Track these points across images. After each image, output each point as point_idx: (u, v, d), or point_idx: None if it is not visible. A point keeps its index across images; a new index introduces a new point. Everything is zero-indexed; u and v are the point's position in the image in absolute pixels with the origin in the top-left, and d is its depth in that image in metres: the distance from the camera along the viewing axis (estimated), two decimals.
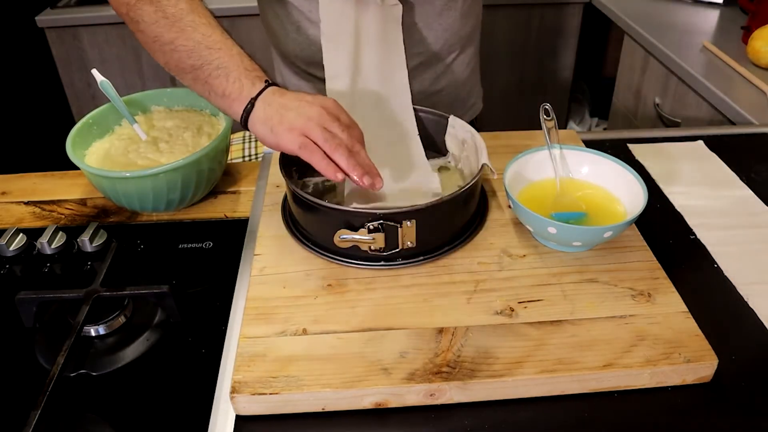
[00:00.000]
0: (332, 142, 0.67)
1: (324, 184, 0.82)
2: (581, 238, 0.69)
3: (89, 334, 0.67)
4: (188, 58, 0.71)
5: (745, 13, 1.67)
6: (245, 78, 0.70)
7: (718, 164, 0.94)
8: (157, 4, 0.71)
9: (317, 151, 0.67)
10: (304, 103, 0.69)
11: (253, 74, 0.71)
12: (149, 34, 0.73)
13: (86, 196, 0.89)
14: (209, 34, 0.71)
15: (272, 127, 0.68)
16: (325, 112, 0.69)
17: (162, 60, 0.74)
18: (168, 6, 0.71)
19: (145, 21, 0.72)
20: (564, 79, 2.30)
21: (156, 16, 0.71)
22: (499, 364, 0.59)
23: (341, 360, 0.60)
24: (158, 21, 0.71)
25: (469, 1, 0.98)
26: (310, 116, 0.68)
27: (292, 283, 0.69)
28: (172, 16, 0.71)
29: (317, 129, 0.67)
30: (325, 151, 0.67)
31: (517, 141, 0.93)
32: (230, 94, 0.70)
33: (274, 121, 0.68)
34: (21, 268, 0.78)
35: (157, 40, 0.72)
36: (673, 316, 0.64)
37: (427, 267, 0.71)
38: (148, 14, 0.72)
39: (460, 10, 0.97)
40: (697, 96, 1.41)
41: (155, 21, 0.71)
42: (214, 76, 0.71)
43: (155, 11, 0.71)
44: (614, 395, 0.60)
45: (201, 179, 0.82)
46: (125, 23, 0.75)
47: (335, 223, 0.68)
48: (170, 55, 0.73)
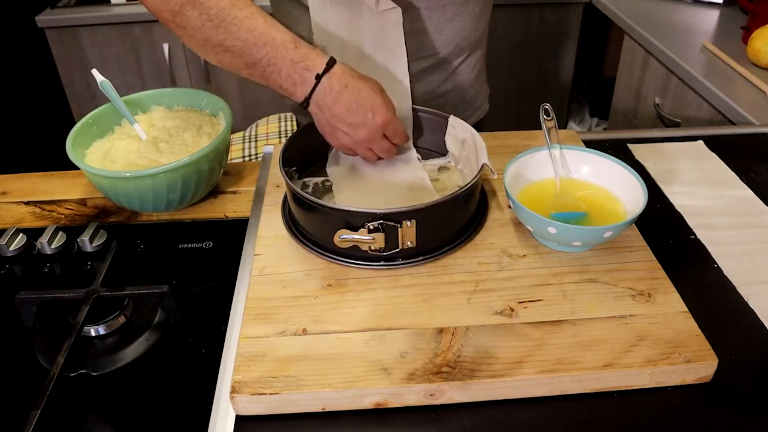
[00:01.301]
0: (371, 160, 0.81)
1: (324, 184, 0.82)
2: (581, 238, 0.69)
3: (89, 334, 0.67)
4: (240, 57, 0.72)
5: (745, 13, 1.67)
6: (294, 73, 0.72)
7: (718, 164, 0.94)
8: (200, 7, 0.70)
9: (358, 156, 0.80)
10: (353, 125, 0.75)
11: (301, 66, 0.72)
12: (199, 38, 0.72)
13: (86, 196, 0.89)
14: (253, 29, 0.71)
15: (326, 137, 0.78)
16: (372, 137, 0.76)
17: (215, 60, 0.74)
18: (210, 7, 0.70)
19: (192, 26, 0.71)
20: (564, 79, 2.30)
21: (201, 20, 0.70)
22: (499, 364, 0.59)
23: (341, 360, 0.60)
24: (204, 24, 0.70)
25: (480, 6, 0.98)
26: (357, 141, 0.76)
27: (292, 283, 0.69)
28: (216, 17, 0.70)
29: (361, 150, 0.78)
30: None
31: (517, 141, 0.93)
32: (287, 89, 0.74)
33: (326, 133, 0.77)
34: (21, 268, 0.78)
35: (207, 43, 0.72)
36: (673, 316, 0.64)
37: (427, 267, 0.71)
38: (194, 19, 0.70)
39: (471, 15, 0.97)
40: (697, 96, 1.41)
41: (201, 25, 0.71)
42: (268, 73, 0.73)
43: (199, 15, 0.70)
44: (614, 395, 0.60)
45: (201, 179, 0.82)
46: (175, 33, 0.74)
47: (335, 223, 0.68)
48: (222, 56, 0.73)
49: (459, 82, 1.04)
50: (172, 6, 0.70)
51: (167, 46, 2.02)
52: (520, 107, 2.30)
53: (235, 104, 2.15)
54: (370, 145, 0.77)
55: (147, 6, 0.73)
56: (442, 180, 0.83)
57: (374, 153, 0.79)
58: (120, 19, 1.95)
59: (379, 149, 0.78)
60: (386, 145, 0.78)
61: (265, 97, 2.14)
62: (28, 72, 2.17)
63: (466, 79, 1.04)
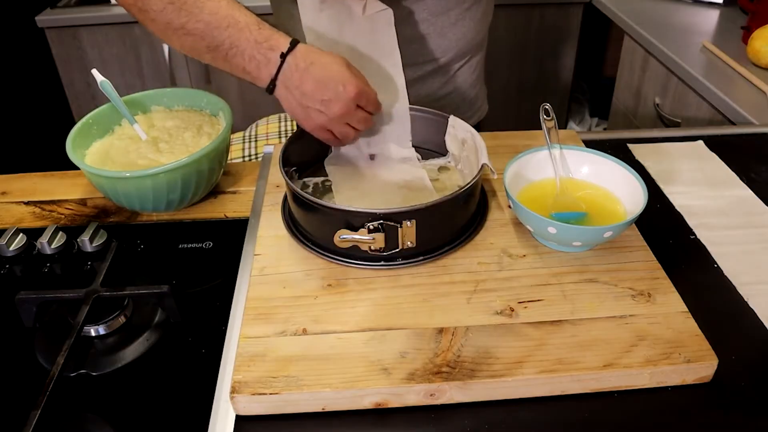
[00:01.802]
0: (349, 138, 0.77)
1: (324, 184, 0.82)
2: (581, 238, 0.69)
3: (89, 334, 0.67)
4: (202, 40, 0.72)
5: (745, 13, 1.67)
6: (258, 53, 0.71)
7: (718, 164, 0.94)
8: None
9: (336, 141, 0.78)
10: (325, 102, 0.72)
11: (265, 46, 0.71)
12: (160, 21, 0.72)
13: (86, 196, 0.89)
14: (215, 11, 0.71)
15: (297, 120, 0.75)
16: (346, 110, 0.73)
17: (178, 44, 0.74)
18: None
19: (154, 9, 0.72)
20: (564, 79, 2.30)
21: (163, 3, 0.71)
22: (499, 364, 0.59)
23: (341, 360, 0.60)
24: (166, 7, 0.71)
25: (482, 10, 0.98)
26: (332, 117, 0.73)
27: (292, 283, 0.69)
28: (178, 0, 0.71)
29: (338, 127, 0.75)
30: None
31: (517, 141, 0.93)
32: (251, 72, 0.73)
33: (299, 116, 0.75)
34: (21, 268, 0.78)
35: (168, 27, 0.72)
36: (673, 316, 0.64)
37: (427, 267, 0.71)
38: (155, 2, 0.71)
39: (474, 20, 0.97)
40: (697, 96, 1.41)
41: (163, 8, 0.71)
42: (230, 56, 0.72)
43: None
44: (614, 395, 0.60)
45: (201, 179, 0.82)
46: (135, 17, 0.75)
47: (335, 223, 0.68)
48: (184, 40, 0.73)
49: (460, 85, 1.04)
50: None
51: (167, 46, 2.02)
52: (520, 107, 2.30)
53: (235, 104, 2.15)
54: (346, 119, 0.74)
55: None
56: (442, 180, 0.83)
57: (351, 128, 0.76)
58: (120, 19, 1.95)
59: (356, 121, 0.75)
60: (362, 115, 0.76)
61: (265, 98, 2.12)
62: (28, 72, 2.17)
63: (467, 81, 1.05)
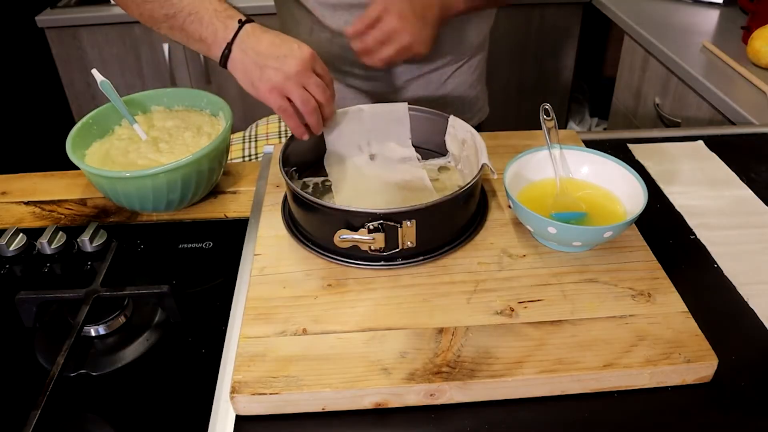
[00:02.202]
0: (309, 106, 0.74)
1: (324, 184, 0.82)
2: (581, 238, 0.69)
3: (89, 334, 0.67)
4: (160, 8, 0.73)
5: (745, 13, 1.67)
6: (217, 20, 0.72)
7: (718, 164, 0.94)
8: None
9: (293, 116, 0.74)
10: (281, 58, 0.71)
11: (224, 15, 0.73)
12: None
13: (86, 196, 0.89)
14: None
15: (253, 82, 0.73)
16: (303, 67, 0.72)
17: (136, 12, 0.76)
18: None
19: None
20: (564, 79, 2.30)
21: None
22: (499, 364, 0.59)
23: (341, 360, 0.60)
24: None
25: (485, 12, 0.98)
26: (288, 74, 0.72)
27: (292, 283, 0.69)
28: None
29: (296, 90, 0.72)
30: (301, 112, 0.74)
31: (517, 141, 0.93)
32: (206, 38, 0.73)
33: (254, 77, 0.72)
34: (21, 268, 0.78)
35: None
36: (673, 316, 0.64)
37: (427, 267, 0.71)
38: None
39: (474, 22, 0.97)
40: (697, 96, 1.41)
41: None
42: (188, 23, 0.73)
43: None
44: (614, 395, 0.60)
45: (201, 179, 0.82)
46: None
47: (335, 223, 0.68)
48: (143, 7, 0.74)
49: (459, 84, 1.04)
50: None
51: (167, 46, 2.02)
52: (520, 107, 2.30)
53: (235, 104, 2.14)
54: (303, 81, 0.73)
55: None
56: (442, 180, 0.83)
57: (309, 93, 0.74)
58: (120, 19, 1.95)
59: (314, 85, 0.74)
60: (318, 80, 0.74)
61: None
62: (28, 72, 2.17)
63: (466, 81, 1.05)
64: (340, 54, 0.80)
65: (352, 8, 0.90)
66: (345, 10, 0.90)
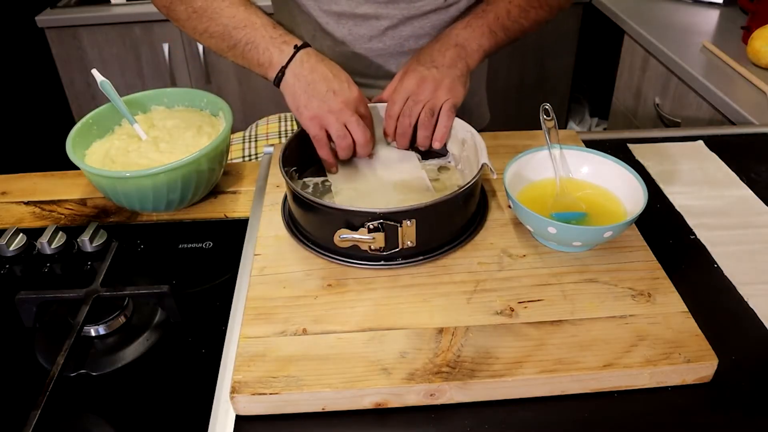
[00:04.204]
0: (344, 141, 0.78)
1: (324, 184, 0.82)
2: (581, 238, 0.69)
3: (89, 334, 0.67)
4: (222, 41, 0.81)
5: (745, 13, 1.67)
6: (272, 47, 0.78)
7: (718, 164, 0.94)
8: (186, 3, 0.81)
9: (326, 146, 0.79)
10: (330, 93, 0.77)
11: (279, 41, 0.78)
12: (188, 28, 0.83)
13: (86, 196, 0.89)
14: (233, 15, 0.79)
15: (298, 107, 0.78)
16: (346, 105, 0.77)
17: (205, 45, 0.84)
18: (195, 1, 0.80)
19: (181, 18, 0.83)
20: (564, 79, 2.30)
21: (187, 13, 0.81)
22: (499, 364, 0.59)
23: (341, 360, 0.60)
24: (190, 16, 0.81)
25: None
26: (331, 109, 0.77)
27: (292, 283, 0.69)
28: (200, 9, 0.80)
29: (335, 125, 0.77)
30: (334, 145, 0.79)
31: (517, 141, 0.93)
32: (264, 63, 0.79)
33: (300, 103, 0.78)
34: (21, 268, 0.78)
35: (195, 31, 0.83)
36: (673, 316, 0.64)
37: (427, 267, 0.71)
38: (182, 12, 0.82)
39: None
40: (697, 96, 1.41)
41: (188, 17, 0.82)
42: (247, 51, 0.79)
43: (185, 9, 0.81)
44: (614, 395, 0.60)
45: (201, 179, 0.82)
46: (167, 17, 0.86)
47: (335, 223, 0.68)
48: (209, 41, 0.82)
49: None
50: (164, 2, 0.83)
51: (167, 46, 2.02)
52: (520, 107, 2.30)
53: (235, 104, 2.15)
54: (344, 117, 0.77)
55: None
56: (442, 180, 0.83)
57: (347, 130, 0.77)
58: (120, 19, 1.95)
59: (354, 123, 0.77)
60: (358, 120, 0.77)
61: (265, 97, 2.14)
62: (28, 72, 2.17)
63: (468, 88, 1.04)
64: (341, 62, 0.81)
65: (356, 18, 0.90)
66: (349, 19, 0.91)
